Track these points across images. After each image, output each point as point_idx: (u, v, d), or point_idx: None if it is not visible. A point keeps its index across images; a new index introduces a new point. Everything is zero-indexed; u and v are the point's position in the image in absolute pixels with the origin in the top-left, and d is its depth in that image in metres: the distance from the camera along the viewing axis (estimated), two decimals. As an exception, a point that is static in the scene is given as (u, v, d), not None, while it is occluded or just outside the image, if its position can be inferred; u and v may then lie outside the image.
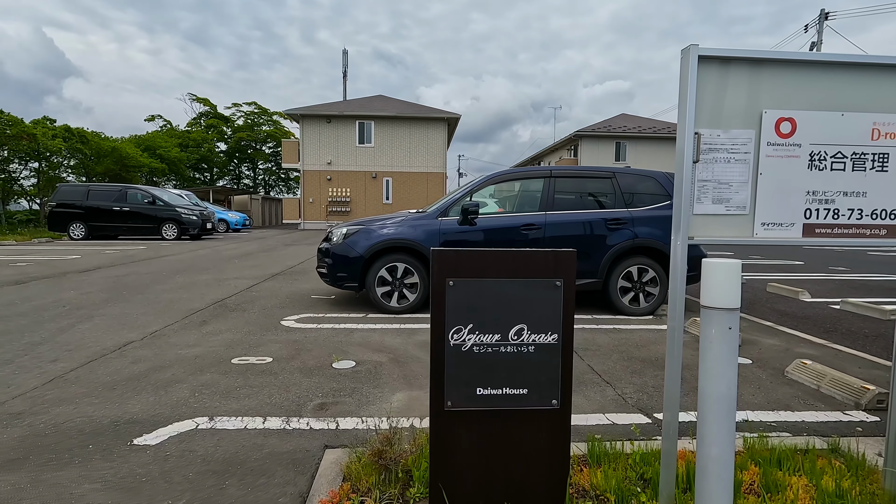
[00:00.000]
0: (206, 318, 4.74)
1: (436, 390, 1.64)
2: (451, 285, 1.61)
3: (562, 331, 1.64)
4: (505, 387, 1.65)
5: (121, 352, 3.65)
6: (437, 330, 1.62)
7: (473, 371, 1.64)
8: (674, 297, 1.68)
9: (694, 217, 1.70)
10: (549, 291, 1.63)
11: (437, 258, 1.61)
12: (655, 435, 2.45)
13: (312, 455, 2.21)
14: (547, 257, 1.63)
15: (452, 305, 1.61)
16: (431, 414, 1.65)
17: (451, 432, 1.65)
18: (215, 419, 2.55)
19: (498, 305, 1.62)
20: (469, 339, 1.62)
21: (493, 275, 1.62)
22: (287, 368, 3.35)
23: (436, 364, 1.63)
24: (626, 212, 5.29)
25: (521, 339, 1.63)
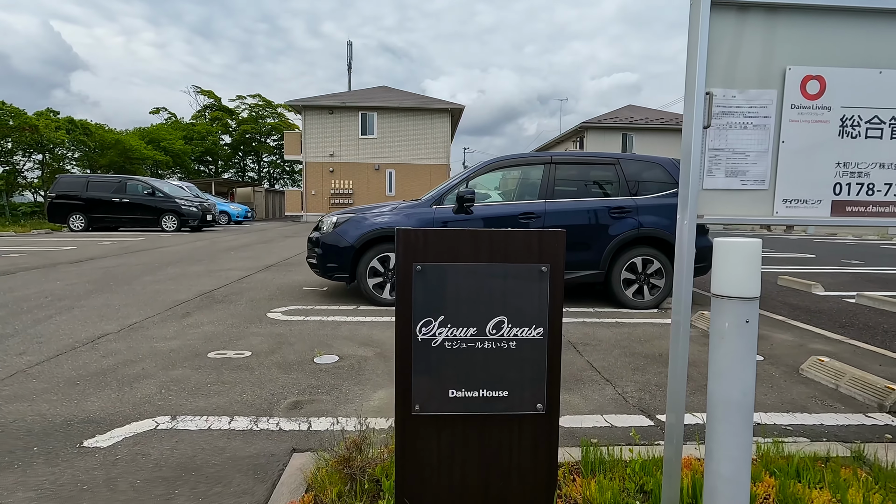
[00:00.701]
0: (190, 310, 4.55)
1: (401, 392, 1.42)
2: (418, 270, 1.38)
3: (548, 324, 1.41)
4: (482, 388, 1.42)
5: (93, 345, 3.46)
6: (402, 322, 1.40)
7: (445, 370, 1.41)
8: (679, 285, 1.44)
9: (703, 193, 1.46)
10: (534, 278, 1.40)
11: (401, 238, 1.38)
12: (658, 439, 2.22)
13: (277, 460, 2.00)
14: (531, 239, 1.40)
15: (420, 294, 1.39)
16: (397, 419, 1.43)
17: (419, 440, 1.43)
18: (178, 418, 2.35)
19: (473, 294, 1.39)
20: (440, 334, 1.40)
21: (467, 258, 1.39)
22: (265, 363, 3.15)
23: (401, 362, 1.41)
24: (630, 200, 5.03)
25: (501, 333, 1.41)
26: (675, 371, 1.45)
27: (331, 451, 1.81)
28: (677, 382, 1.45)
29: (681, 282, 1.43)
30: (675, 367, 1.44)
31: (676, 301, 1.44)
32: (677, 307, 1.44)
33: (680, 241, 1.44)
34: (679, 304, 1.43)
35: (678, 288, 1.44)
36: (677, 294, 1.44)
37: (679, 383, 1.44)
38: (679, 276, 1.43)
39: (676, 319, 1.44)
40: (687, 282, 1.43)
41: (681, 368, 1.43)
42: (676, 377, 1.44)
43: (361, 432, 1.86)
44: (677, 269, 1.45)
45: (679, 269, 1.43)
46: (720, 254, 1.16)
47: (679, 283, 1.43)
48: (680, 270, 1.42)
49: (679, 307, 1.44)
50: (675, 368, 1.44)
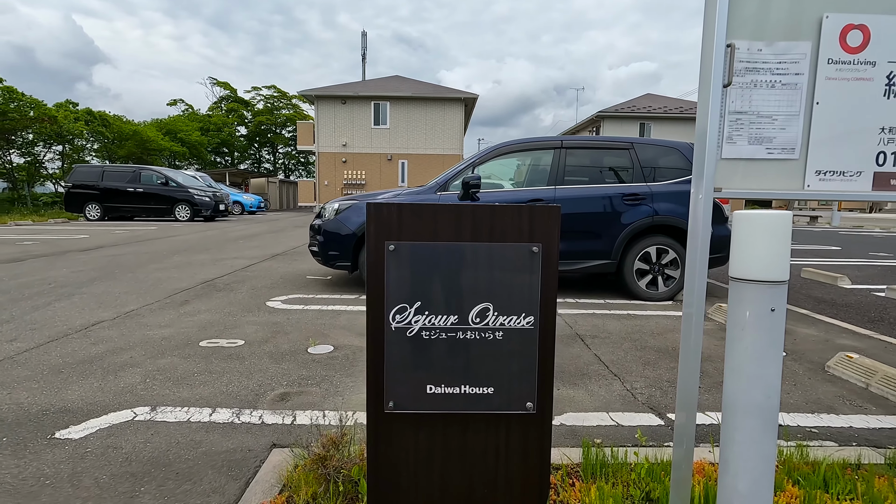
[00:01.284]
0: (189, 298, 4.47)
1: (373, 387, 1.26)
2: (391, 250, 1.21)
3: (540, 312, 1.24)
4: (464, 384, 1.26)
5: (85, 332, 3.38)
6: (373, 309, 1.23)
7: (422, 363, 1.25)
8: (693, 268, 1.26)
9: (722, 163, 1.26)
10: (524, 260, 1.22)
11: (372, 214, 1.22)
12: (669, 441, 2.04)
13: (255, 456, 1.87)
14: (521, 214, 1.22)
15: (394, 277, 1.22)
16: (368, 418, 1.28)
17: (394, 441, 1.28)
18: (157, 409, 2.23)
19: (455, 278, 1.22)
20: (416, 322, 1.23)
21: (448, 237, 1.22)
22: (257, 353, 3.03)
23: (373, 353, 1.25)
24: (644, 186, 4.79)
25: (486, 322, 1.24)
26: (686, 364, 1.27)
27: (309, 448, 1.67)
28: (689, 376, 1.27)
29: (694, 264, 1.24)
30: (687, 360, 1.26)
31: (689, 287, 1.26)
32: (690, 293, 1.26)
33: (694, 218, 1.25)
34: (692, 289, 1.25)
35: (691, 272, 1.25)
36: (690, 279, 1.25)
37: (691, 377, 1.26)
38: (693, 258, 1.25)
39: (689, 307, 1.25)
40: (701, 264, 1.24)
41: (693, 361, 1.25)
42: (688, 370, 1.26)
43: (341, 428, 1.72)
44: (690, 250, 1.27)
45: (693, 250, 1.25)
46: (741, 228, 0.97)
47: (692, 265, 1.24)
48: (693, 252, 1.24)
49: (692, 293, 1.25)
50: (687, 361, 1.26)
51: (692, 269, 1.25)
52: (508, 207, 1.22)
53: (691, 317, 1.24)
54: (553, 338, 1.26)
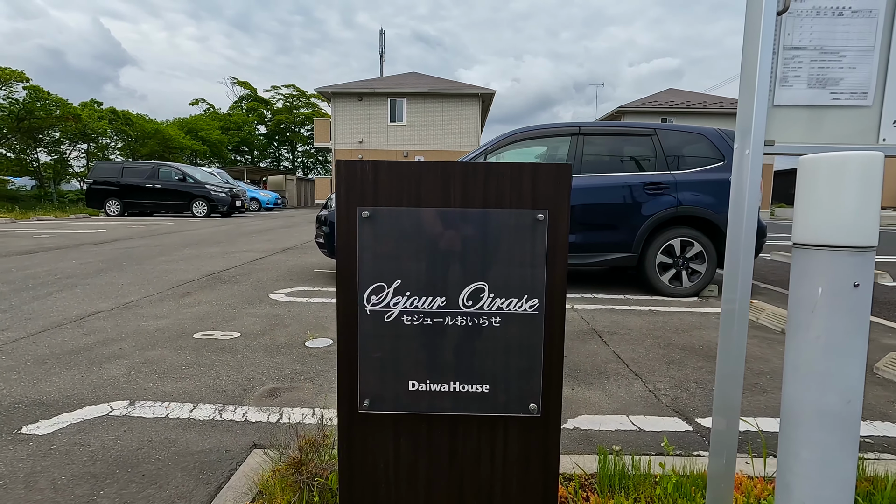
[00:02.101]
0: (192, 290, 4.35)
1: (345, 383, 1.06)
2: (365, 217, 1.01)
3: (546, 294, 1.02)
4: (454, 380, 1.05)
5: (79, 322, 3.27)
6: (344, 289, 1.03)
7: (403, 354, 1.04)
8: (736, 247, 1.02)
9: (774, 111, 1.02)
10: (526, 230, 1.00)
11: (342, 173, 1.01)
12: (699, 450, 1.79)
13: (232, 457, 1.69)
14: (522, 174, 1.00)
15: (369, 249, 1.01)
16: (340, 419, 1.07)
17: (369, 447, 1.07)
18: (136, 404, 2.07)
19: (442, 251, 1.01)
20: (395, 305, 1.02)
21: (434, 201, 1.01)
22: (252, 345, 2.87)
23: (344, 342, 1.04)
24: (668, 175, 4.49)
25: (480, 305, 1.02)
26: (727, 359, 1.03)
27: (283, 451, 1.48)
28: (730, 373, 1.03)
29: (739, 240, 1.00)
30: (729, 354, 1.03)
31: (732, 266, 1.02)
32: (733, 275, 1.02)
33: (739, 181, 1.01)
34: (735, 269, 1.01)
35: (734, 249, 1.02)
36: (733, 256, 1.02)
37: (732, 375, 1.03)
38: (736, 233, 1.01)
39: (731, 292, 1.02)
40: (747, 240, 1.00)
41: (736, 355, 1.02)
42: (730, 367, 1.03)
43: (322, 428, 1.52)
44: (734, 223, 1.03)
45: (736, 223, 1.01)
46: (809, 176, 0.74)
47: (736, 241, 1.01)
48: (737, 225, 1.00)
49: (736, 275, 1.01)
50: (729, 355, 1.03)
51: (735, 246, 1.02)
52: (507, 165, 1.00)
53: (734, 301, 1.01)
54: (562, 326, 1.03)
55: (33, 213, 14.82)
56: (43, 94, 21.40)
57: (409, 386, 1.05)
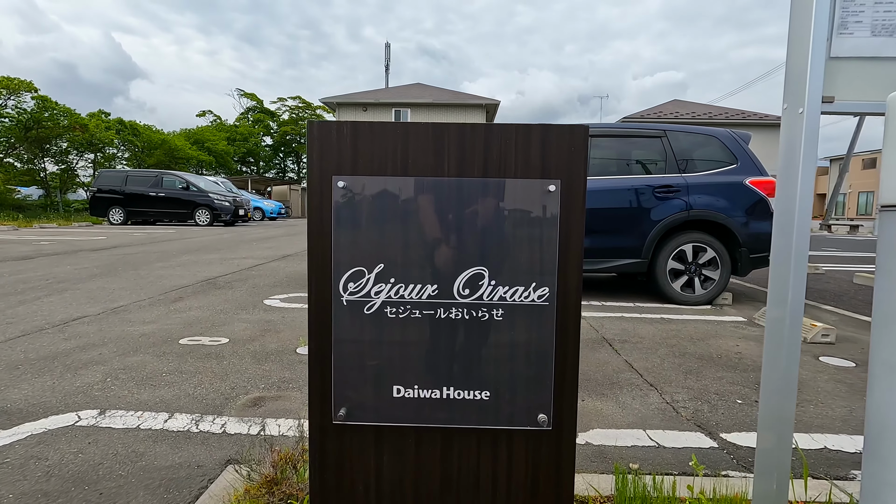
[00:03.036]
0: (185, 295, 4.20)
1: (317, 388, 0.89)
2: (341, 189, 0.84)
3: (559, 281, 0.85)
4: (447, 386, 0.87)
5: (62, 327, 3.11)
6: (316, 275, 0.86)
7: (387, 354, 0.87)
8: (786, 229, 0.85)
9: (832, 64, 0.85)
10: (535, 204, 0.84)
11: (315, 136, 0.85)
12: (727, 468, 1.60)
13: (203, 474, 1.51)
14: (529, 137, 0.84)
15: (346, 228, 0.85)
16: (311, 431, 0.90)
17: (346, 465, 0.89)
18: (106, 413, 1.91)
19: (433, 230, 0.85)
20: (378, 294, 0.86)
21: (424, 169, 0.84)
22: (239, 352, 2.70)
23: (316, 339, 0.87)
24: (679, 178, 4.32)
25: (479, 295, 0.85)
26: (777, 351, 0.85)
27: (253, 469, 1.30)
28: (782, 373, 0.85)
29: (790, 219, 0.83)
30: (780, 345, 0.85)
31: (783, 250, 0.85)
32: (784, 256, 0.85)
33: (790, 144, 0.84)
34: (787, 252, 0.84)
35: (784, 228, 0.85)
36: (784, 239, 0.85)
37: (785, 374, 0.85)
38: (786, 208, 0.84)
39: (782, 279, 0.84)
40: (802, 218, 0.83)
41: (790, 347, 0.84)
42: (782, 361, 0.85)
43: (301, 441, 1.34)
44: (783, 198, 0.86)
45: (787, 195, 0.84)
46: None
47: (786, 222, 0.84)
48: (788, 201, 0.83)
49: (786, 257, 0.84)
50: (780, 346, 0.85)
51: (786, 228, 0.85)
52: (512, 127, 0.84)
53: (786, 287, 0.83)
54: (577, 319, 0.86)
55: (36, 222, 14.82)
56: (51, 104, 21.60)
57: (393, 392, 0.87)
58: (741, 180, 4.27)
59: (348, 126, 0.84)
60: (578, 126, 0.83)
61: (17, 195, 23.48)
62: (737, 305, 4.33)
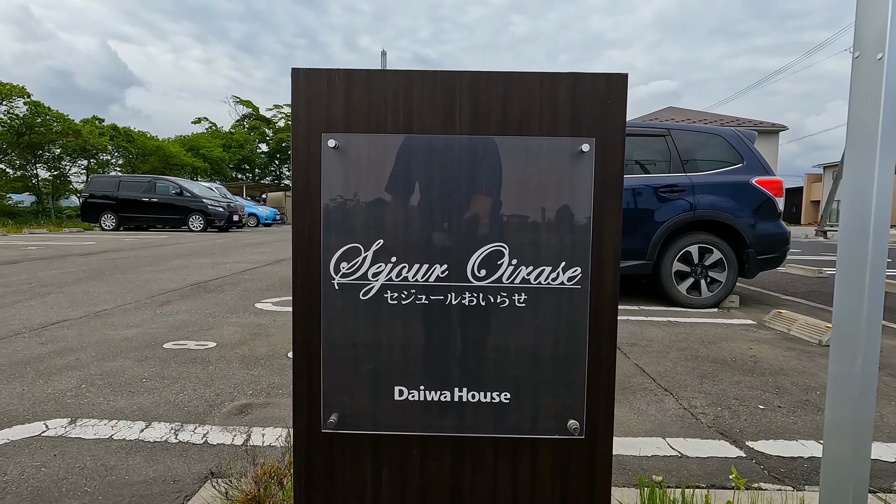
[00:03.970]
0: (172, 299, 4.03)
1: (302, 390, 0.74)
2: (330, 148, 0.70)
3: (592, 260, 0.71)
4: (459, 387, 0.73)
5: (40, 331, 2.94)
6: (303, 253, 0.72)
7: (387, 348, 0.72)
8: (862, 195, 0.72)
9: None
10: (564, 168, 0.70)
11: (301, 86, 0.71)
12: (759, 480, 1.45)
13: (180, 489, 1.35)
14: (557, 87, 0.70)
15: (338, 197, 0.71)
16: (296, 441, 0.75)
17: (336, 482, 0.75)
18: (77, 422, 1.74)
19: (443, 199, 0.70)
20: (376, 276, 0.71)
21: (430, 126, 0.71)
22: (227, 356, 2.54)
23: (302, 330, 0.73)
24: (684, 177, 4.21)
25: (497, 277, 0.71)
26: (846, 359, 0.72)
27: (232, 484, 1.14)
28: (858, 380, 0.71)
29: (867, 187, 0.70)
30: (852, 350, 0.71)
31: (857, 228, 0.72)
32: (860, 237, 0.71)
33: (863, 105, 0.71)
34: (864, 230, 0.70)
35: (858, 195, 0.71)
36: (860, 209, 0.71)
37: (863, 379, 0.71)
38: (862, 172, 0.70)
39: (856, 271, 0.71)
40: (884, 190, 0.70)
41: (869, 353, 0.70)
42: (858, 369, 0.71)
43: (288, 453, 1.19)
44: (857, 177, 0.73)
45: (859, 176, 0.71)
46: None
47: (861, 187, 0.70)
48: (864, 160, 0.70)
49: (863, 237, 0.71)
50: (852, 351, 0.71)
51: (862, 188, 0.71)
52: (537, 75, 0.70)
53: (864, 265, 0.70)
54: (615, 306, 0.72)
55: (26, 228, 14.59)
56: (43, 110, 21.41)
57: (394, 394, 0.73)
58: (747, 180, 4.16)
59: (341, 74, 0.70)
60: (616, 74, 0.69)
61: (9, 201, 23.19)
62: (744, 308, 4.20)
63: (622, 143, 0.70)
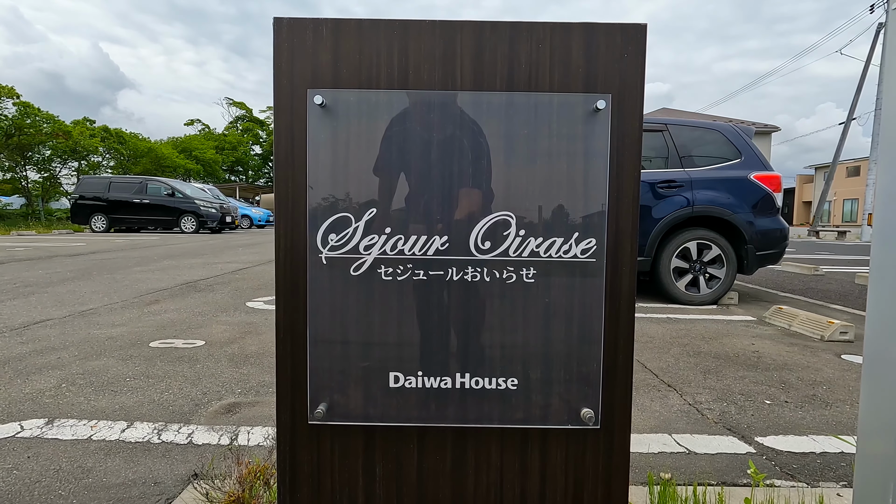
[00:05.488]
0: (161, 298, 3.93)
1: (286, 377, 0.66)
2: (316, 105, 0.63)
3: (608, 231, 0.64)
4: (461, 372, 0.65)
5: (21, 331, 2.84)
6: (286, 225, 0.64)
7: (380, 329, 0.65)
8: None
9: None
10: (577, 128, 0.63)
11: (283, 37, 0.63)
12: (772, 478, 1.39)
13: (161, 492, 1.27)
14: (570, 37, 0.63)
15: (326, 159, 0.63)
16: (279, 434, 0.67)
17: (324, 478, 0.67)
18: (55, 423, 1.65)
19: (443, 162, 0.63)
20: (369, 249, 0.64)
21: (429, 80, 0.63)
22: (215, 355, 2.45)
23: (285, 311, 0.65)
24: (682, 173, 4.16)
25: (503, 249, 0.64)
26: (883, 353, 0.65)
27: (215, 485, 1.06)
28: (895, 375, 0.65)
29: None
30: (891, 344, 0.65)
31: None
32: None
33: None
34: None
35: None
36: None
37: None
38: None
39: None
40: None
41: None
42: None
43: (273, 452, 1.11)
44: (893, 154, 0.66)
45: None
46: None
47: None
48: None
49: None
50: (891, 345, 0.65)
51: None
52: (547, 25, 0.63)
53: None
54: (633, 281, 0.65)
55: (14, 229, 14.37)
56: (33, 111, 21.15)
57: (389, 381, 0.66)
58: (746, 175, 4.13)
59: (329, 24, 0.63)
60: (633, 25, 0.63)
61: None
62: (743, 305, 4.16)
63: (641, 101, 0.63)
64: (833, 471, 1.43)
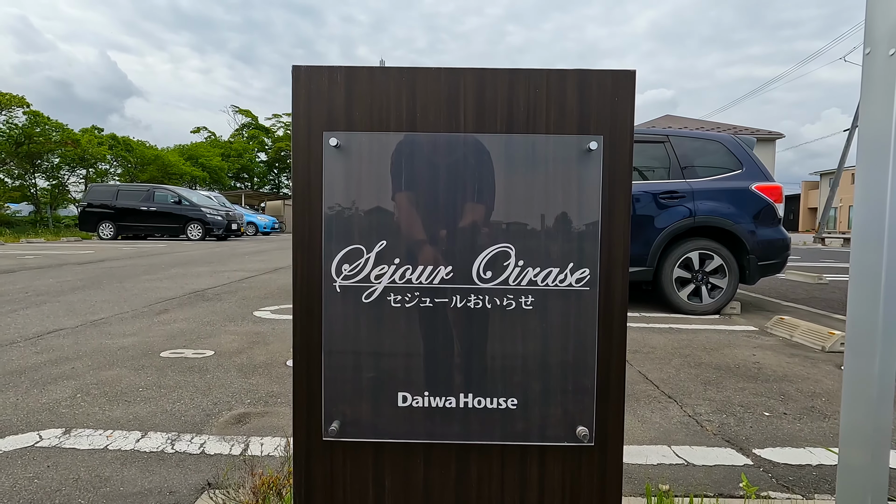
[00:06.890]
0: (170, 308, 4.00)
1: (302, 395, 0.71)
2: (331, 147, 0.68)
3: (601, 262, 0.69)
4: (465, 392, 0.70)
5: (36, 340, 2.91)
6: (303, 255, 0.70)
7: (389, 352, 0.70)
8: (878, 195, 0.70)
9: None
10: (571, 167, 0.68)
11: (301, 84, 0.69)
12: (767, 489, 1.43)
13: (176, 501, 1.32)
14: (564, 83, 0.69)
15: (340, 196, 0.69)
16: (295, 449, 0.72)
17: (337, 492, 0.72)
18: (72, 433, 1.71)
19: (448, 199, 0.69)
20: (379, 278, 0.69)
21: (435, 124, 0.69)
22: (225, 365, 2.50)
23: (302, 335, 0.71)
24: (684, 183, 4.21)
25: (504, 279, 0.69)
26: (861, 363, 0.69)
27: (229, 495, 1.11)
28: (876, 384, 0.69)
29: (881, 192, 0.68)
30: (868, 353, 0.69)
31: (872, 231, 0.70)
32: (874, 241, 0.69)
33: (877, 102, 0.69)
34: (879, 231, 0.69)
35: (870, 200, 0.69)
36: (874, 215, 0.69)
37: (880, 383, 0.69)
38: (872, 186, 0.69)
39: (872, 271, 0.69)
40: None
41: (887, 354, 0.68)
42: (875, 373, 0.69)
43: (287, 463, 1.16)
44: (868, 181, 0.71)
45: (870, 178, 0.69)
46: None
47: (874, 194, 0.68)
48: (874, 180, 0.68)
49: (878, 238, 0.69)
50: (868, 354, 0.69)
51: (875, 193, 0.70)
52: (543, 72, 0.68)
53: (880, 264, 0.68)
54: (625, 308, 0.70)
55: (24, 237, 14.55)
56: (42, 119, 21.45)
57: (398, 400, 0.71)
58: (747, 185, 4.17)
59: (343, 72, 0.69)
60: (624, 71, 0.68)
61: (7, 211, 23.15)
62: (746, 315, 4.18)
63: (630, 141, 0.68)
64: (828, 483, 1.46)
